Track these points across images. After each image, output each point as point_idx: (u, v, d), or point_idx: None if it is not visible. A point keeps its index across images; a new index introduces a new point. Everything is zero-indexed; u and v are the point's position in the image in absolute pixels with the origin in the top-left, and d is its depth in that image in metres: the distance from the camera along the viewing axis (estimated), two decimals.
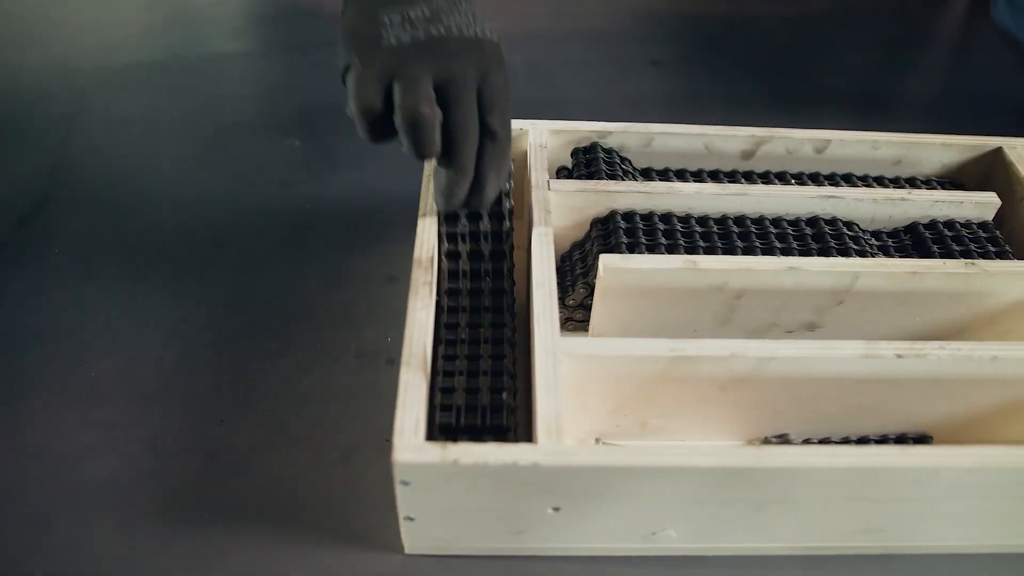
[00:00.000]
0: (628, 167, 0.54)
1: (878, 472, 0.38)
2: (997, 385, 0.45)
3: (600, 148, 0.55)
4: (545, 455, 0.37)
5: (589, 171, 0.53)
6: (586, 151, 0.56)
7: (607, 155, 0.54)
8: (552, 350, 0.42)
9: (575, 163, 0.56)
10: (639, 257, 0.46)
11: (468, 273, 0.50)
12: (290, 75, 0.77)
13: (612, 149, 0.55)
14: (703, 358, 0.42)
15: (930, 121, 0.78)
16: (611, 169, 0.52)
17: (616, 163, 0.53)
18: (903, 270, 0.47)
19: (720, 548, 0.43)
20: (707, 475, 0.38)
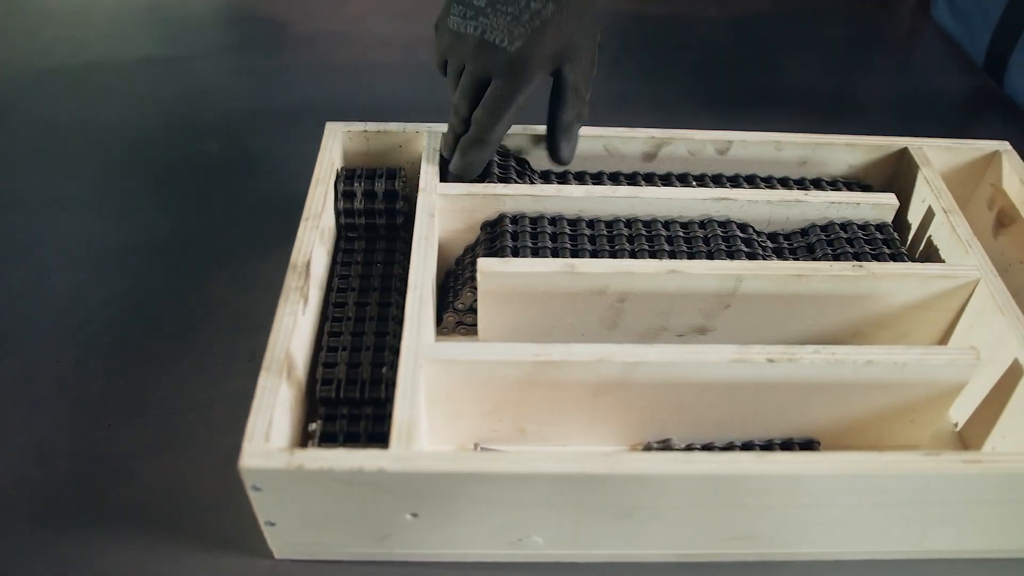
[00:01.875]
0: (526, 169, 0.54)
1: (735, 479, 0.38)
2: (879, 390, 0.44)
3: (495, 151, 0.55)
4: (392, 461, 0.37)
5: (482, 173, 0.53)
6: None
7: (502, 158, 0.53)
8: (414, 355, 0.41)
9: None
10: (517, 261, 0.46)
11: (360, 250, 0.52)
12: (217, 79, 0.77)
13: (508, 151, 0.55)
14: (570, 363, 0.42)
15: (867, 121, 0.77)
16: (504, 172, 0.52)
17: (511, 165, 0.53)
18: (788, 272, 0.47)
19: (590, 555, 0.43)
20: (561, 482, 0.37)
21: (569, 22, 0.47)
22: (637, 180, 0.54)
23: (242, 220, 0.62)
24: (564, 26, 0.47)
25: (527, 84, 0.48)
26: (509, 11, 0.47)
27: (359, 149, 0.55)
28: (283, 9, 0.86)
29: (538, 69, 0.48)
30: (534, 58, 0.47)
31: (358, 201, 0.52)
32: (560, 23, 0.47)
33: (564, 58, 0.48)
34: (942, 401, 0.45)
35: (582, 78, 0.49)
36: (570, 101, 0.49)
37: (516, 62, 0.47)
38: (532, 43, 0.47)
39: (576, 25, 0.47)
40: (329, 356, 0.46)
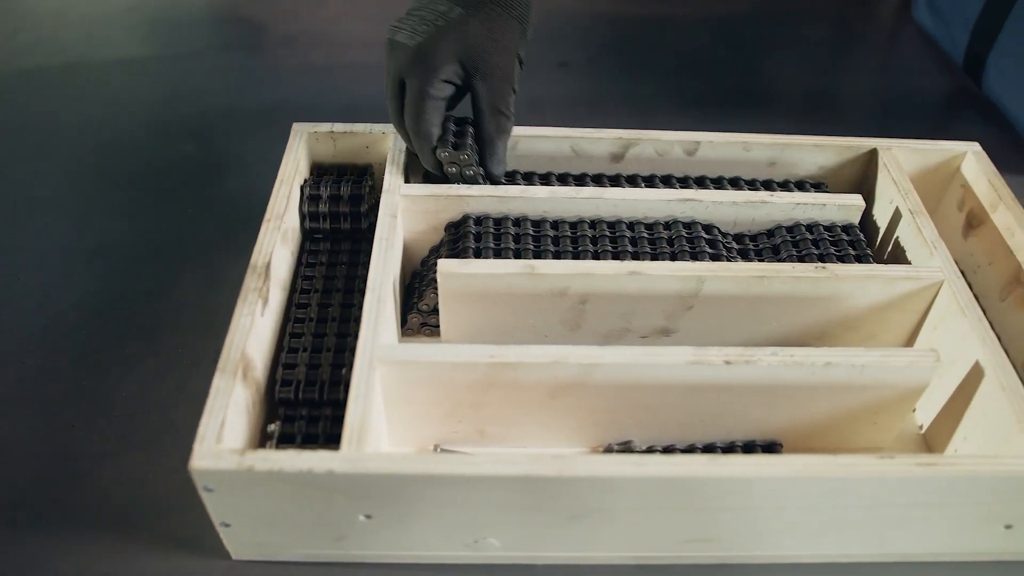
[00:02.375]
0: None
1: (687, 482, 0.38)
2: (839, 392, 0.44)
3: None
4: (341, 462, 0.37)
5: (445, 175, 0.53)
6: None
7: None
8: (369, 356, 0.41)
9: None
10: (477, 262, 0.45)
11: (324, 251, 0.52)
12: (192, 80, 0.77)
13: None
14: (525, 364, 0.41)
15: (845, 121, 0.77)
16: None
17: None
18: (750, 274, 0.46)
19: (547, 557, 0.43)
20: (512, 484, 0.37)
21: (477, 30, 0.48)
22: (603, 181, 0.54)
23: (213, 221, 0.62)
24: (470, 31, 0.48)
25: (432, 76, 0.48)
26: (418, 14, 0.49)
27: (326, 150, 0.55)
28: (262, 10, 0.86)
29: (440, 63, 0.48)
30: (435, 52, 0.48)
31: (323, 203, 0.52)
32: (465, 27, 0.48)
33: (473, 67, 0.49)
34: (904, 403, 0.45)
35: (497, 92, 0.49)
36: (485, 115, 0.50)
37: (417, 56, 0.48)
38: (432, 39, 0.48)
39: (485, 34, 0.48)
40: (289, 357, 0.46)
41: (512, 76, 0.50)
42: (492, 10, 0.49)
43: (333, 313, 0.48)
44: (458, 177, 0.51)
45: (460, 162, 0.50)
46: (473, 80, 0.49)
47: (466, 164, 0.50)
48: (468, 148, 0.49)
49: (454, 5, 0.48)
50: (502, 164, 0.52)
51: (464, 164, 0.50)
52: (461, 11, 0.48)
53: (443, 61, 0.48)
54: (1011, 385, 0.42)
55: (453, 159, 0.49)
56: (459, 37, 0.48)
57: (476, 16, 0.49)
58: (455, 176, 0.51)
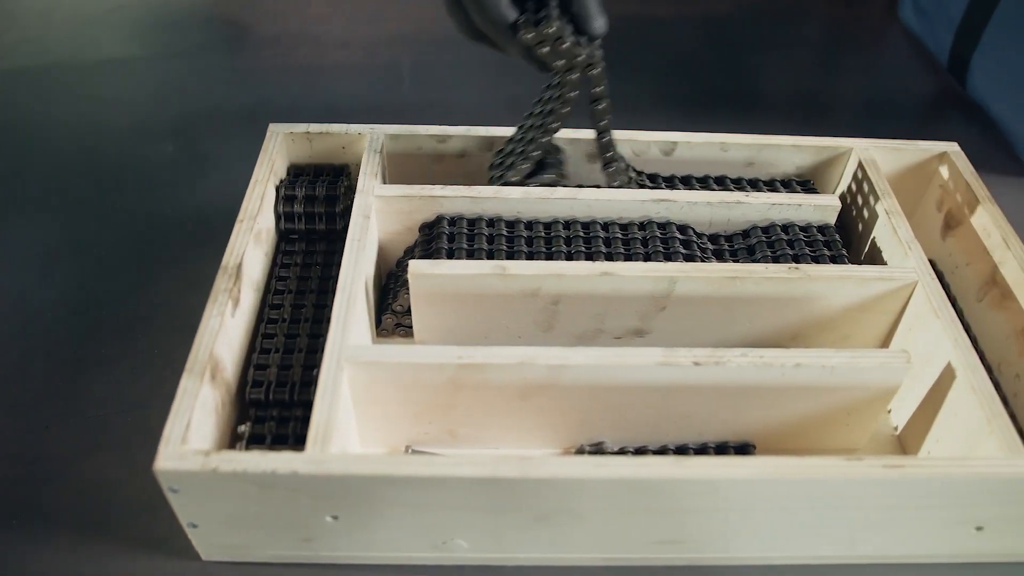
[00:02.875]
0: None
1: (650, 484, 0.38)
2: (811, 393, 0.44)
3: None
4: (305, 464, 0.37)
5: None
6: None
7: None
8: (337, 357, 0.41)
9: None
10: (448, 263, 0.45)
11: (300, 252, 0.52)
12: (175, 80, 0.77)
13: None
14: (493, 366, 0.41)
15: (830, 121, 0.77)
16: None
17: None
18: (722, 274, 0.46)
19: (516, 558, 0.42)
20: (475, 485, 0.37)
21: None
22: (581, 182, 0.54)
23: (192, 222, 0.61)
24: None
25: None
26: None
27: (303, 151, 0.55)
28: (246, 10, 0.87)
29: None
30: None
31: (298, 204, 0.52)
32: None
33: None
34: (876, 404, 0.45)
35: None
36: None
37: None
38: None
39: None
40: (260, 358, 0.46)
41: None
42: None
43: (306, 314, 0.48)
44: (554, 57, 0.44)
45: (549, 36, 0.43)
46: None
47: (556, 36, 0.43)
48: (554, 16, 0.42)
49: None
50: (600, 16, 0.45)
51: (554, 37, 0.43)
52: None
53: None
54: (981, 387, 0.42)
55: (540, 37, 0.43)
56: None
57: None
58: (550, 58, 0.44)
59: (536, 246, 0.48)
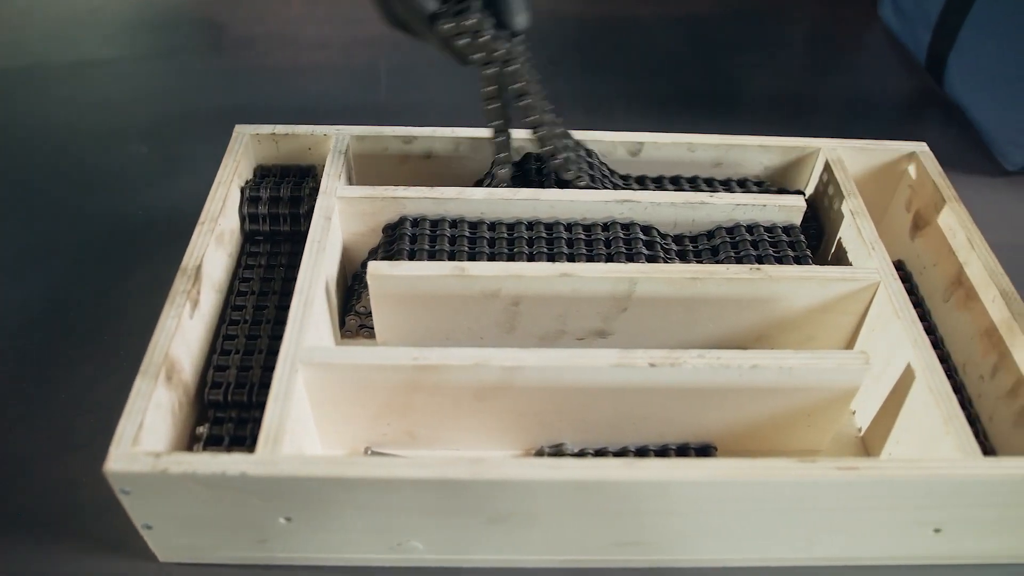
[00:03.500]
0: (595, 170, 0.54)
1: (602, 486, 0.37)
2: (770, 394, 0.44)
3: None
4: (255, 465, 0.37)
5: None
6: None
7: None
8: (291, 358, 0.41)
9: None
10: (407, 264, 0.45)
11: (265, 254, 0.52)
12: (151, 81, 0.77)
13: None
14: (448, 367, 0.41)
15: (809, 121, 0.76)
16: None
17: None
18: (683, 275, 0.46)
19: (473, 559, 0.42)
20: (424, 487, 0.37)
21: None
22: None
23: (163, 223, 0.61)
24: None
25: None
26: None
27: (270, 152, 0.55)
28: (223, 11, 0.87)
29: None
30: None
31: (262, 205, 0.52)
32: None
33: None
34: (837, 406, 0.45)
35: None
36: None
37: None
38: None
39: None
40: (221, 359, 0.46)
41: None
42: None
43: (268, 315, 0.48)
44: (472, 50, 0.42)
45: (467, 28, 0.42)
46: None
47: (475, 29, 0.42)
48: (474, 8, 0.41)
49: None
50: (523, 11, 0.44)
51: (472, 30, 0.42)
52: None
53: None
54: (939, 388, 0.42)
55: (458, 29, 0.42)
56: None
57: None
58: (468, 51, 0.42)
59: (498, 247, 0.48)
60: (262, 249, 0.52)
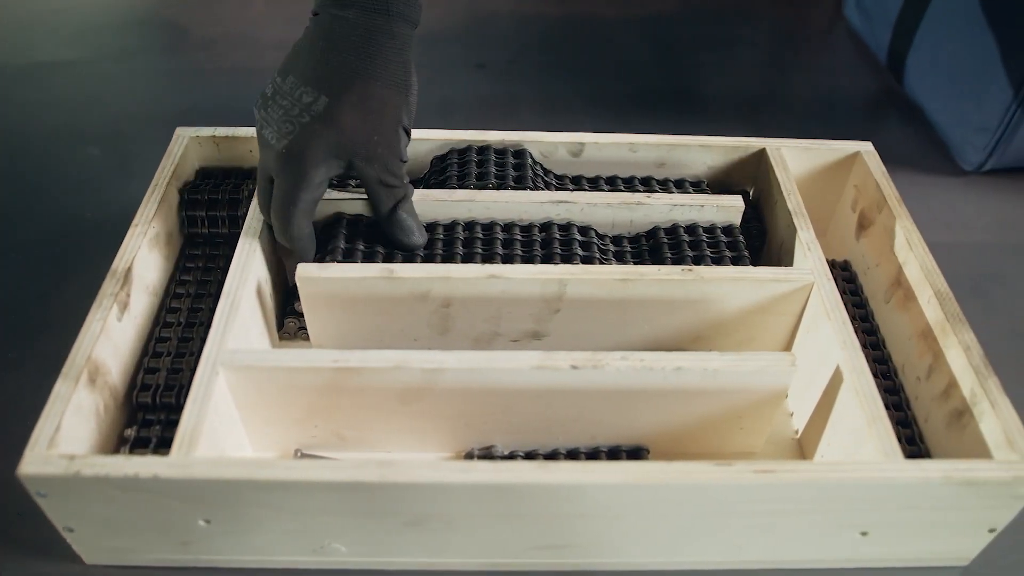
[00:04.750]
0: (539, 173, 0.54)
1: (513, 488, 0.37)
2: (697, 397, 0.43)
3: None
4: (167, 467, 0.37)
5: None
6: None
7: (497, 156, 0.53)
8: (212, 361, 0.41)
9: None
10: (335, 266, 0.45)
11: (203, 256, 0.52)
12: (109, 83, 0.77)
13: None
14: (368, 369, 0.41)
15: (768, 121, 0.76)
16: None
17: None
18: (613, 277, 0.46)
19: (396, 562, 0.42)
20: (336, 490, 0.37)
21: (350, 117, 0.43)
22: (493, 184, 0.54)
23: (112, 225, 0.61)
24: (343, 121, 0.43)
25: (305, 182, 0.44)
26: (283, 104, 0.44)
27: (211, 154, 0.55)
28: (185, 13, 0.87)
29: (315, 166, 0.44)
30: (306, 156, 0.43)
31: (201, 208, 0.52)
32: (337, 119, 0.43)
33: (352, 154, 0.44)
34: (766, 407, 0.44)
35: (383, 170, 0.45)
36: (378, 194, 0.46)
37: (286, 160, 0.44)
38: (301, 140, 0.43)
39: (360, 117, 0.43)
40: (152, 362, 0.46)
41: (397, 149, 0.45)
42: (364, 87, 0.43)
43: (202, 318, 0.48)
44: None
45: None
46: (355, 164, 0.45)
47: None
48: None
49: (319, 94, 0.43)
50: (414, 232, 0.47)
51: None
52: (327, 100, 0.43)
53: (318, 165, 0.44)
54: (864, 389, 0.41)
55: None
56: (329, 130, 0.43)
57: (346, 102, 0.43)
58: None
59: (433, 248, 0.48)
60: (201, 252, 0.52)
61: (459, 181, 0.51)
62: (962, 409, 0.43)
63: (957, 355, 0.44)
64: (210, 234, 0.52)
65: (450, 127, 0.55)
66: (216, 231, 0.52)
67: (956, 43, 0.65)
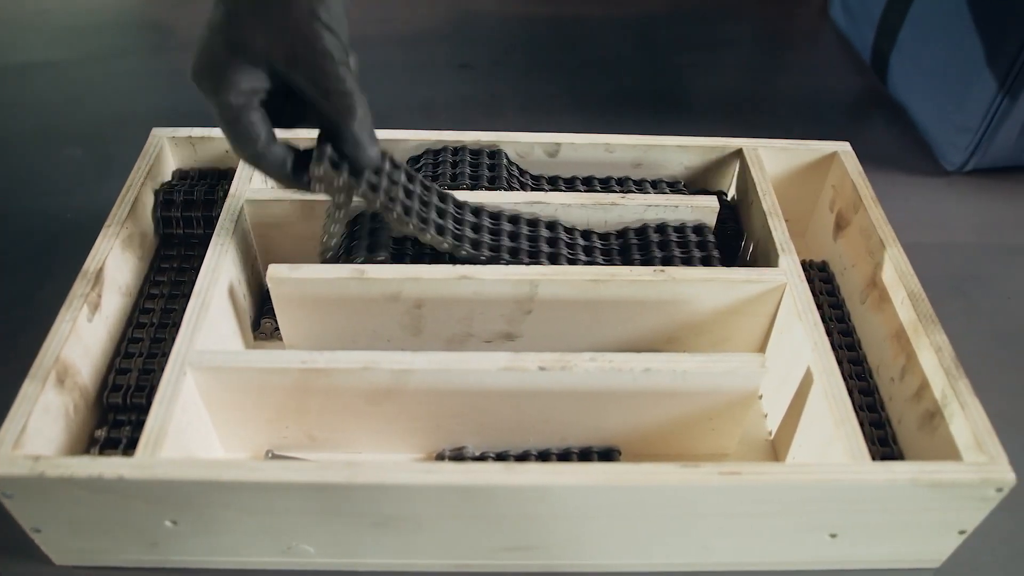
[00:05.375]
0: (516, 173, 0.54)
1: (479, 490, 0.37)
2: (667, 398, 0.43)
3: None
4: (131, 468, 0.37)
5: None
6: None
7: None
8: (180, 361, 0.41)
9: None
10: (306, 267, 0.45)
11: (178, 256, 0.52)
12: (93, 84, 0.77)
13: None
14: (336, 371, 0.41)
15: (755, 121, 0.76)
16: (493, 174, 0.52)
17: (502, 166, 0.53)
18: (585, 277, 0.46)
19: (365, 563, 0.42)
20: (302, 491, 0.37)
21: (247, 13, 0.40)
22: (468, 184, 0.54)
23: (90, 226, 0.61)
24: (240, 21, 0.40)
25: (223, 90, 0.41)
26: (200, 34, 0.42)
27: (188, 156, 0.55)
28: (171, 14, 0.87)
29: (224, 75, 0.40)
30: (212, 69, 0.41)
31: (176, 208, 0.52)
32: (233, 19, 0.40)
33: (267, 55, 0.40)
34: (737, 409, 0.44)
35: (316, 73, 0.41)
36: (318, 102, 0.42)
37: (199, 78, 0.41)
38: (204, 53, 0.41)
39: (262, 12, 0.40)
40: (123, 363, 0.46)
41: (320, 45, 0.41)
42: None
43: (176, 319, 0.48)
44: (333, 191, 0.43)
45: (322, 179, 0.42)
46: (278, 71, 0.41)
47: (332, 179, 0.43)
48: (324, 156, 0.42)
49: (217, 2, 0.41)
50: (366, 146, 0.43)
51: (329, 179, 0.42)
52: (223, 6, 0.40)
53: (228, 73, 0.40)
54: (833, 391, 0.41)
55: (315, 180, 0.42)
56: (230, 32, 0.40)
57: (248, 7, 0.40)
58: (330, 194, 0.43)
59: (404, 248, 0.48)
60: (176, 253, 0.52)
61: (433, 182, 0.51)
62: (933, 410, 0.43)
63: (929, 356, 0.43)
64: (185, 235, 0.52)
65: (433, 127, 0.55)
66: (191, 232, 0.52)
67: (939, 43, 0.65)
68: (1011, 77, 0.61)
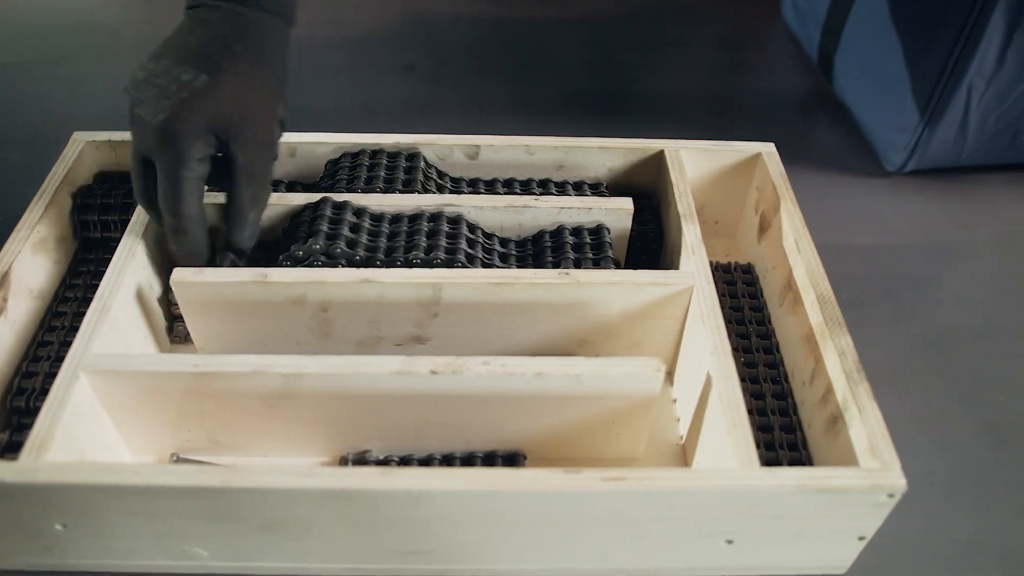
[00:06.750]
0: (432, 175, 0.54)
1: (358, 495, 0.37)
2: (563, 402, 0.43)
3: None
4: (14, 472, 0.37)
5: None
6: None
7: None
8: (74, 364, 0.41)
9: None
10: (209, 270, 0.45)
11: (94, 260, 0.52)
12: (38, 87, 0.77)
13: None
14: (228, 374, 0.41)
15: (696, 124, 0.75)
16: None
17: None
18: (488, 280, 0.45)
19: (259, 567, 0.42)
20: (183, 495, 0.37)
21: (227, 96, 0.44)
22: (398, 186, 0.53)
23: None
24: (220, 99, 0.44)
25: (183, 159, 0.43)
26: (159, 83, 0.44)
27: (109, 159, 0.55)
28: (119, 17, 0.87)
29: (190, 142, 0.43)
30: (182, 131, 0.43)
31: (93, 212, 0.52)
32: (214, 96, 0.43)
33: (229, 134, 0.44)
34: (638, 413, 0.44)
35: (255, 158, 0.45)
36: (241, 184, 0.45)
37: (164, 136, 0.43)
38: (178, 115, 0.43)
39: (238, 99, 0.44)
40: (30, 366, 0.46)
41: (272, 140, 0.46)
42: (241, 68, 0.45)
43: None
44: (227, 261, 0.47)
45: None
46: (230, 147, 0.44)
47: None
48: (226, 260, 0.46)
49: (198, 72, 0.44)
50: (252, 236, 0.47)
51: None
52: (206, 78, 0.43)
53: (192, 141, 0.43)
54: (728, 395, 0.41)
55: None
56: (208, 108, 0.43)
57: (224, 80, 0.44)
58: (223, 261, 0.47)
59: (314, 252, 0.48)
60: (94, 256, 0.52)
61: (348, 185, 0.51)
62: (836, 415, 0.42)
63: (833, 360, 0.43)
64: (103, 239, 0.52)
65: (374, 130, 0.55)
66: (109, 235, 0.52)
67: (879, 43, 0.64)
68: (943, 78, 0.60)
